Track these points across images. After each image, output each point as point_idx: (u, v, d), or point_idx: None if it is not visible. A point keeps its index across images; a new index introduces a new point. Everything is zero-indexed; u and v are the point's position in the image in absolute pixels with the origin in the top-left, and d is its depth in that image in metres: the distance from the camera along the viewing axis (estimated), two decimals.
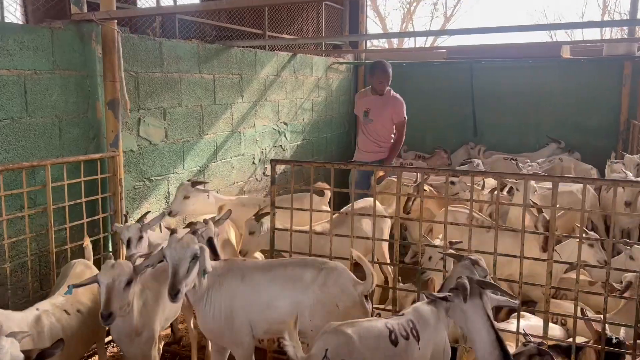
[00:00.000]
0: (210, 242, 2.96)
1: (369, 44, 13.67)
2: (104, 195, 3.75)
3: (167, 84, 4.46)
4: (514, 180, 4.31)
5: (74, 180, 3.46)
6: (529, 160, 6.23)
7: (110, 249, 3.90)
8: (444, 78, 8.00)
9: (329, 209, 4.00)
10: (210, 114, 5.04)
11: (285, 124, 6.45)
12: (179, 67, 4.58)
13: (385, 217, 3.81)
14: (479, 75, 7.77)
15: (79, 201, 3.51)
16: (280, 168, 6.22)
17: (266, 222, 3.54)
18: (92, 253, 3.27)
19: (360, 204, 3.89)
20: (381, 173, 5.05)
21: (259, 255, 3.84)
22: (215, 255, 2.91)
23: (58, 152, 3.52)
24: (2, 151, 3.15)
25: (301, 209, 3.33)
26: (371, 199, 4.35)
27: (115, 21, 3.70)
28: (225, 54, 5.22)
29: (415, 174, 5.21)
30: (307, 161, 3.38)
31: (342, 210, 3.98)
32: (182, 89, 4.65)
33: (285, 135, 6.44)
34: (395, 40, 18.08)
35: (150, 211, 3.95)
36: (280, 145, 6.37)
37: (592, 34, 21.41)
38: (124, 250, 3.50)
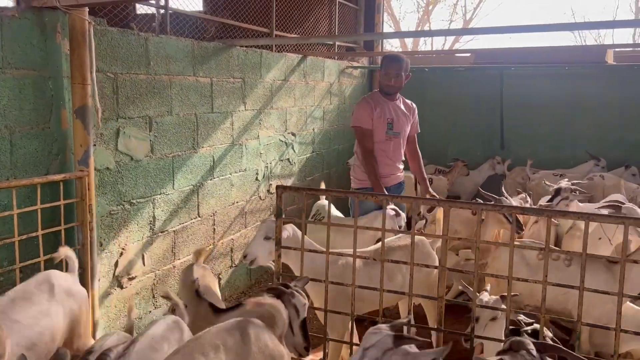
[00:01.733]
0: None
1: (385, 47, 12.90)
2: (68, 225, 3.01)
3: (154, 88, 3.73)
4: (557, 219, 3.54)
5: (26, 209, 2.72)
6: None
7: None
8: (470, 85, 7.24)
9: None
10: (206, 124, 4.30)
11: (294, 134, 5.71)
12: (169, 68, 3.85)
13: (428, 266, 3.03)
14: (510, 82, 7.01)
15: (33, 234, 2.77)
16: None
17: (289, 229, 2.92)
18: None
19: (401, 241, 3.12)
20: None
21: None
22: None
23: (8, 173, 2.78)
24: None
25: (316, 251, 2.58)
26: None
27: (86, 10, 2.97)
28: (226, 54, 4.49)
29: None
30: (325, 189, 2.67)
31: (370, 249, 3.21)
32: (173, 94, 3.92)
33: (293, 148, 5.70)
34: (409, 44, 17.34)
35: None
36: (288, 159, 5.63)
37: (626, 37, 20.41)
38: None
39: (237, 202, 4.80)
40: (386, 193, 3.92)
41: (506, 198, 4.13)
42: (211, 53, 4.31)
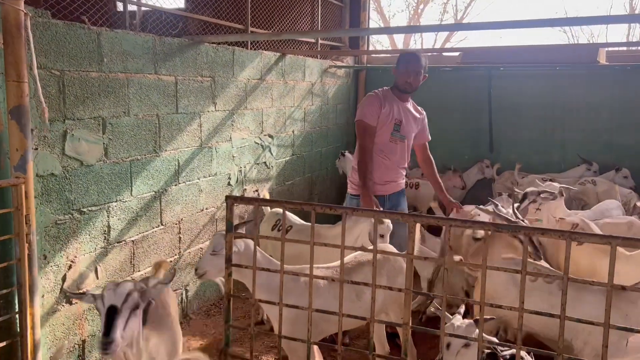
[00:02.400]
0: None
1: (371, 48, 12.57)
2: (1, 238, 2.72)
3: (107, 86, 3.44)
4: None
5: None
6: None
7: (17, 309, 2.86)
8: (457, 85, 6.98)
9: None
10: (170, 126, 4.02)
11: (271, 136, 5.43)
12: (126, 65, 3.57)
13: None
14: (498, 83, 6.75)
15: None
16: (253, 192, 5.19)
17: (241, 244, 2.79)
18: None
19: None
20: (449, 204, 4.02)
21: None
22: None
23: None
24: None
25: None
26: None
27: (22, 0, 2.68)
28: (193, 51, 4.21)
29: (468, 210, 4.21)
30: (278, 200, 2.40)
31: (335, 265, 2.93)
32: (131, 94, 3.63)
33: (270, 150, 5.42)
34: (399, 44, 17.07)
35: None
36: (265, 162, 5.35)
37: (619, 37, 20.15)
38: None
39: (206, 209, 4.51)
40: (373, 199, 3.65)
41: (495, 205, 3.89)
42: (175, 49, 4.02)
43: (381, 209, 3.68)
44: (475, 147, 6.99)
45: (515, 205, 3.82)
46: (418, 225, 2.15)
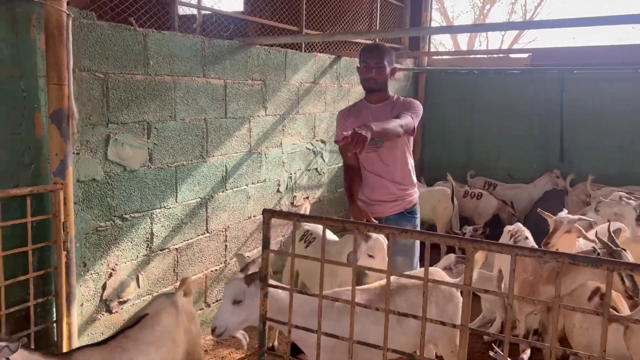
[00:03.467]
0: None
1: (435, 47, 12.04)
2: (37, 245, 2.64)
3: (153, 90, 3.34)
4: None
5: None
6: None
7: (55, 318, 2.79)
8: (525, 89, 6.50)
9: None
10: (218, 130, 3.88)
11: (323, 142, 5.22)
12: (173, 68, 3.46)
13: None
14: (572, 87, 6.21)
15: None
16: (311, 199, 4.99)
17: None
18: None
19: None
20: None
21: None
22: None
23: None
24: None
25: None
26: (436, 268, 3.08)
27: (64, 0, 2.60)
28: (243, 54, 4.06)
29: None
30: (318, 217, 2.19)
31: (374, 286, 2.66)
32: (177, 98, 3.52)
33: (322, 156, 5.21)
34: (463, 45, 16.47)
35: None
36: (316, 168, 5.14)
37: None
38: None
39: (254, 216, 4.35)
40: (364, 210, 3.06)
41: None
42: (225, 52, 3.89)
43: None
44: (544, 155, 6.48)
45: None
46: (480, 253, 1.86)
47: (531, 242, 3.50)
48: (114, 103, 3.09)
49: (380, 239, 2.75)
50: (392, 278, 2.74)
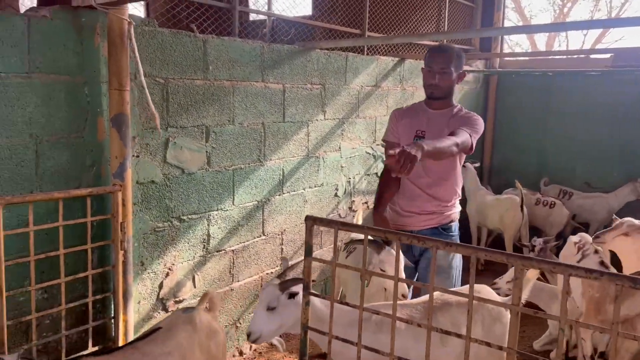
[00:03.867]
0: None
1: (510, 48, 11.42)
2: (96, 244, 2.76)
3: (212, 94, 3.41)
4: None
5: (45, 226, 2.50)
6: None
7: (112, 315, 2.90)
8: (607, 92, 6.05)
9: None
10: (275, 134, 3.90)
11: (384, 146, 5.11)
12: (232, 73, 3.51)
13: None
14: None
15: (52, 254, 2.55)
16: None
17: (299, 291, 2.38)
18: None
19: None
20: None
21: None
22: None
23: (32, 186, 2.59)
24: None
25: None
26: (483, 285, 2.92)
27: (126, 8, 2.71)
28: (303, 58, 4.06)
29: None
30: (360, 225, 2.14)
31: (416, 302, 2.56)
32: (236, 102, 3.57)
33: (383, 161, 5.11)
34: (541, 45, 15.67)
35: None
36: (376, 173, 5.06)
37: None
38: None
39: None
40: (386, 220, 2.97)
41: None
42: (285, 57, 3.90)
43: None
44: (626, 163, 6.01)
45: None
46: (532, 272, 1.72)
47: (602, 257, 3.24)
48: (173, 107, 3.18)
49: (392, 252, 2.64)
50: (436, 294, 2.63)
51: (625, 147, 6.00)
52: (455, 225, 3.08)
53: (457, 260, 3.04)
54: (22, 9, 3.95)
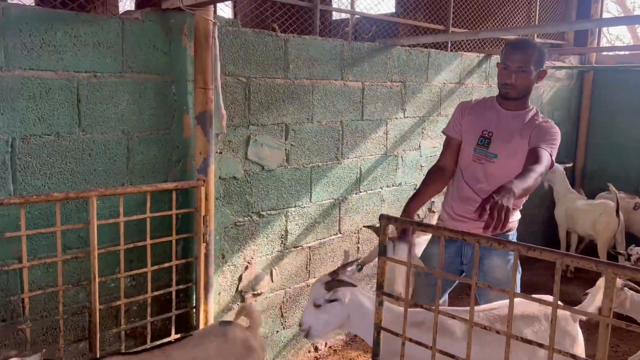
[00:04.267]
0: None
1: (610, 41, 10.56)
2: (180, 236, 2.88)
3: (292, 93, 3.45)
4: None
5: (134, 217, 2.65)
6: None
7: (194, 304, 3.03)
8: None
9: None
10: (354, 133, 3.89)
11: None
12: (312, 71, 3.54)
13: None
14: None
15: (140, 244, 2.70)
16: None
17: (346, 293, 2.36)
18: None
19: (525, 306, 2.36)
20: None
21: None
22: None
23: (124, 179, 2.76)
24: (42, 176, 2.48)
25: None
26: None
27: (211, 9, 2.81)
28: (383, 56, 4.01)
29: None
30: (436, 226, 2.07)
31: (491, 307, 2.43)
32: (315, 100, 3.60)
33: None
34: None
35: None
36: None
37: None
38: None
39: None
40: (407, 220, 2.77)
41: None
42: (365, 54, 3.88)
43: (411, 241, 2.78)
44: None
45: None
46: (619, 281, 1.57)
47: None
48: (254, 106, 3.26)
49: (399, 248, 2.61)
50: (496, 304, 2.50)
51: None
52: (513, 235, 2.82)
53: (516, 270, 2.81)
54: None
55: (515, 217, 2.82)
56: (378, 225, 2.49)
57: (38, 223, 2.45)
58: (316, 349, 3.90)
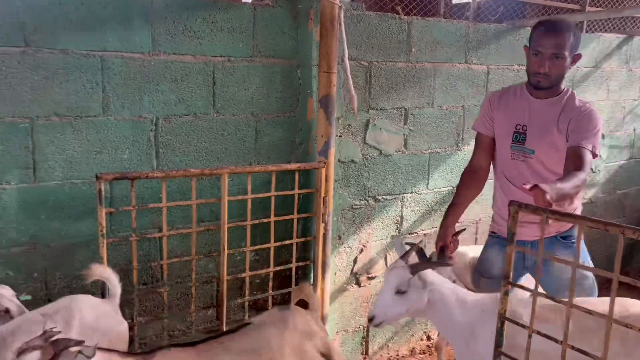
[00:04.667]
0: None
1: None
2: (301, 215, 2.98)
3: (413, 77, 3.40)
4: None
5: (260, 195, 2.79)
6: None
7: (311, 282, 3.12)
8: None
9: None
10: (475, 118, 3.73)
11: (602, 135, 4.55)
12: (434, 54, 3.46)
13: None
14: None
15: (265, 220, 2.83)
16: None
17: (431, 277, 2.25)
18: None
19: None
20: None
21: None
22: None
23: (252, 158, 2.90)
24: (180, 153, 2.68)
25: None
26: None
27: None
28: (511, 37, 3.81)
29: None
30: (574, 215, 1.90)
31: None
32: (436, 84, 3.52)
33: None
34: None
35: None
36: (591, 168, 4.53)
37: None
38: None
39: None
40: (444, 236, 2.47)
41: None
42: (491, 36, 3.71)
43: (451, 256, 2.47)
44: None
45: None
46: None
47: None
48: (375, 90, 3.26)
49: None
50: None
51: None
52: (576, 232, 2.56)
53: (588, 271, 2.49)
54: None
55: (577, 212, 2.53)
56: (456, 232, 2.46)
57: (176, 196, 2.66)
58: (429, 338, 3.85)
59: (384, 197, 3.43)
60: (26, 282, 2.41)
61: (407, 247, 2.38)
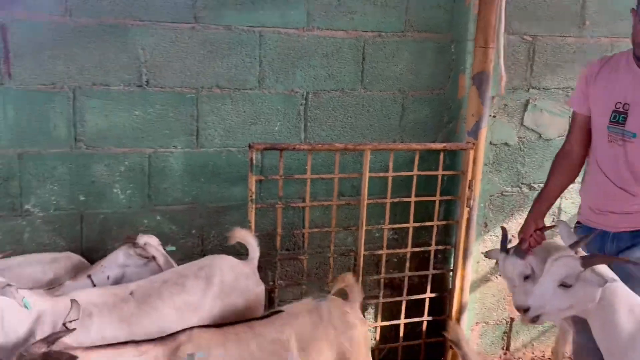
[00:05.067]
0: None
1: None
2: (444, 197, 2.87)
3: (585, 53, 3.04)
4: None
5: (402, 173, 2.74)
6: None
7: (451, 267, 3.02)
8: None
9: None
10: None
11: None
12: (612, 28, 3.06)
13: None
14: None
15: (405, 199, 2.78)
16: None
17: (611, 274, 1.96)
18: None
19: None
20: None
21: None
22: None
23: (396, 136, 2.86)
24: (326, 127, 2.74)
25: None
26: None
27: None
28: None
29: None
30: None
31: None
32: None
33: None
34: None
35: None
36: None
37: None
38: None
39: None
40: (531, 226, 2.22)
41: None
42: None
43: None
44: None
45: None
46: None
47: None
48: (538, 67, 2.98)
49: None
50: None
51: None
52: None
53: None
54: None
55: None
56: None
57: (320, 169, 2.74)
58: None
59: (541, 185, 3.13)
60: (185, 237, 2.68)
61: (575, 237, 2.16)
